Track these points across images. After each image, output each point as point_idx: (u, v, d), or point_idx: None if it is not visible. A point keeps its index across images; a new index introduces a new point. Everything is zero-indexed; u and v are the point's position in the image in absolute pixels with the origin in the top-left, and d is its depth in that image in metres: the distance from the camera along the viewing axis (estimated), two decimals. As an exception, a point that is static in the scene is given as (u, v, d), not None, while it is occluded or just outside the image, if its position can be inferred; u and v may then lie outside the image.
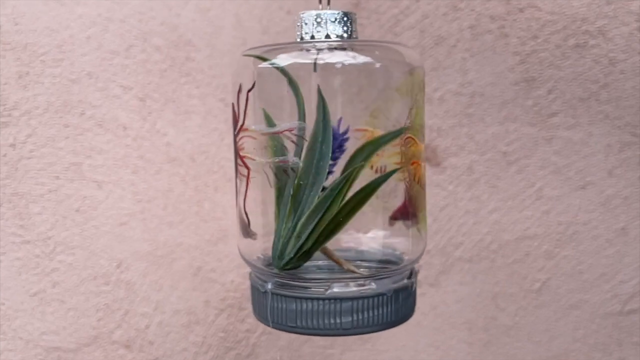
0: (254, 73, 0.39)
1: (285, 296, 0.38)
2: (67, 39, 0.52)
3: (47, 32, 0.52)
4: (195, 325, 0.57)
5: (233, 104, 0.40)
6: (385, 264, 0.41)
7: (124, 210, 0.54)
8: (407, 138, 0.38)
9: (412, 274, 0.41)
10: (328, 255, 0.39)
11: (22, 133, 0.53)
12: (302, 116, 0.37)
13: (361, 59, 0.38)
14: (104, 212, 0.54)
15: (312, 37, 0.39)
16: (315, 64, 0.38)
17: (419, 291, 0.58)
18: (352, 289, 0.38)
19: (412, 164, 0.39)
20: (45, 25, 0.52)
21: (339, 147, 0.37)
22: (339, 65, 0.38)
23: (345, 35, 0.39)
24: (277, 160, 0.38)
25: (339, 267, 0.39)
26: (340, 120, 0.37)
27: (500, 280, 0.58)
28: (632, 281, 0.58)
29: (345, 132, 0.37)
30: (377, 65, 0.39)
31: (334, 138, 0.37)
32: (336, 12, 0.39)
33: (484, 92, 0.55)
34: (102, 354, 0.56)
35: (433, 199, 0.57)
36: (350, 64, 0.38)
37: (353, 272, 0.39)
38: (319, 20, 0.39)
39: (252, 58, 0.39)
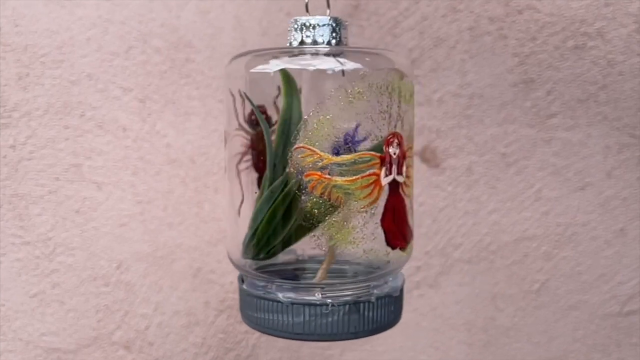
0: (245, 78, 0.40)
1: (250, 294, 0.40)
2: (67, 40, 0.52)
3: (47, 34, 0.52)
4: (195, 326, 0.57)
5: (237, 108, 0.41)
6: (372, 269, 0.41)
7: (124, 211, 0.55)
8: (297, 147, 0.38)
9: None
10: (326, 260, 0.39)
11: (22, 134, 0.53)
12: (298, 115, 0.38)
13: (350, 65, 0.38)
14: (104, 214, 0.54)
15: (302, 42, 0.39)
16: (343, 70, 0.38)
17: (417, 292, 0.58)
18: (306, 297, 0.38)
19: (307, 175, 0.37)
20: (45, 26, 0.52)
21: (347, 149, 0.37)
22: (329, 72, 0.38)
23: (334, 41, 0.39)
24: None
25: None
26: (357, 126, 0.37)
27: (500, 281, 0.58)
28: (630, 282, 0.58)
29: (355, 138, 0.38)
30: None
31: (345, 142, 0.37)
32: (327, 18, 0.39)
33: (483, 94, 0.55)
34: (101, 355, 0.56)
35: (432, 200, 0.57)
36: (340, 71, 0.38)
37: (317, 283, 0.39)
38: (309, 26, 0.39)
39: (243, 62, 0.40)
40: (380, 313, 0.39)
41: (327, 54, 0.39)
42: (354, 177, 0.37)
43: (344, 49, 0.40)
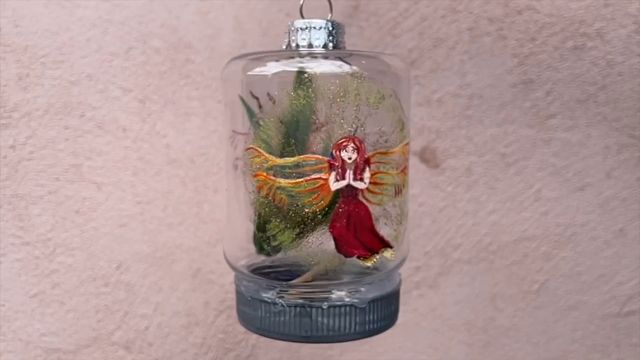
0: (242, 80, 0.40)
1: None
2: (67, 41, 0.52)
3: (47, 34, 0.52)
4: (195, 327, 0.57)
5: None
6: (369, 270, 0.41)
7: (124, 211, 0.55)
8: (247, 148, 0.38)
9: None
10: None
11: (22, 135, 0.53)
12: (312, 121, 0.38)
13: (347, 68, 0.38)
14: (104, 214, 0.54)
15: (298, 45, 0.39)
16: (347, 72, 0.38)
17: (417, 292, 0.58)
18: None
19: (255, 176, 0.38)
20: (45, 27, 0.52)
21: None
22: (328, 74, 0.38)
23: (331, 44, 0.39)
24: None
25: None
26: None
27: (499, 282, 0.58)
28: (630, 282, 0.58)
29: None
30: (364, 74, 0.39)
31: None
32: (323, 21, 0.39)
33: (483, 94, 0.55)
34: (101, 355, 0.56)
35: (432, 200, 0.57)
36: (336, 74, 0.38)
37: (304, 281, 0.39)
38: (306, 29, 0.39)
39: (241, 65, 0.40)
40: (336, 322, 0.38)
41: (324, 57, 0.39)
42: (297, 180, 0.37)
43: (341, 52, 0.40)
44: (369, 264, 0.38)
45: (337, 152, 0.37)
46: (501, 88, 0.55)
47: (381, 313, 0.40)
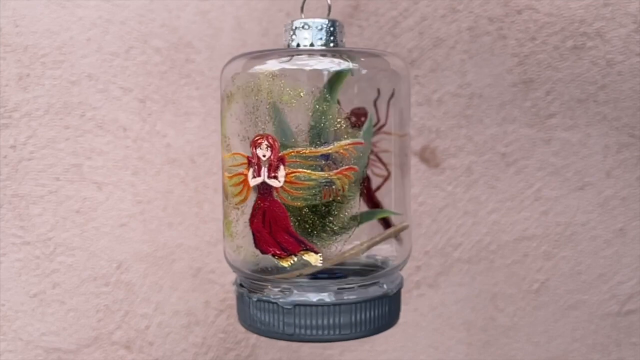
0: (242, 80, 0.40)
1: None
2: (67, 40, 0.52)
3: (48, 34, 0.52)
4: (195, 326, 0.57)
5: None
6: (372, 268, 0.41)
7: (124, 211, 0.55)
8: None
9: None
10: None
11: (22, 134, 0.53)
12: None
13: (345, 65, 0.38)
14: (104, 214, 0.54)
15: (298, 44, 0.40)
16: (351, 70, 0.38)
17: (417, 292, 0.58)
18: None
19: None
20: (45, 27, 0.52)
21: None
22: (325, 72, 0.38)
23: (331, 43, 0.39)
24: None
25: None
26: None
27: (499, 281, 0.58)
28: (630, 282, 0.58)
29: None
30: (363, 72, 0.39)
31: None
32: (323, 20, 0.39)
33: (483, 94, 0.55)
34: (102, 355, 0.56)
35: (432, 200, 0.57)
36: (335, 71, 0.38)
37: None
38: (306, 27, 0.39)
39: (241, 64, 0.40)
40: (263, 316, 0.39)
41: (323, 55, 0.39)
42: (230, 175, 0.39)
43: (340, 50, 0.40)
44: (285, 264, 0.38)
45: (253, 149, 0.38)
46: (501, 87, 0.55)
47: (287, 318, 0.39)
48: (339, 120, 0.38)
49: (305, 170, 0.37)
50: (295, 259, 0.38)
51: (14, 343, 0.55)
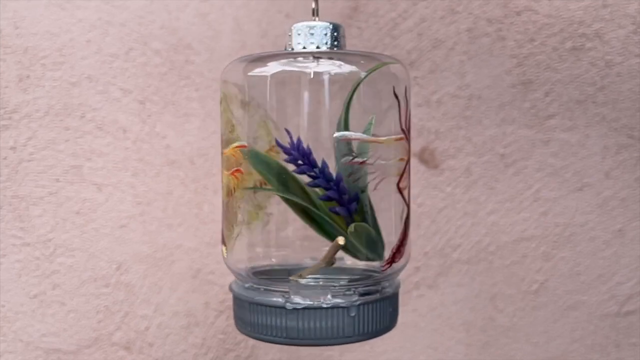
0: (243, 81, 0.40)
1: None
2: (67, 42, 0.53)
3: (48, 36, 0.52)
4: (195, 327, 0.57)
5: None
6: (369, 273, 0.41)
7: (124, 212, 0.55)
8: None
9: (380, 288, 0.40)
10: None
11: (22, 136, 0.53)
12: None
13: (347, 68, 0.39)
14: (104, 215, 0.54)
15: (302, 47, 0.40)
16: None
17: (417, 292, 0.58)
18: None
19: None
20: (45, 29, 0.52)
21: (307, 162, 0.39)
22: (325, 75, 0.38)
23: (332, 46, 0.40)
24: None
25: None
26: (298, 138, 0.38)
27: (498, 282, 0.58)
28: (629, 282, 0.58)
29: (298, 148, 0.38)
30: (362, 74, 0.39)
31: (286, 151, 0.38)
32: (325, 24, 0.40)
33: (482, 95, 0.55)
34: (102, 356, 0.56)
35: (431, 201, 0.57)
36: (336, 73, 0.39)
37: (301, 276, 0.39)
38: (309, 31, 0.39)
39: (242, 66, 0.40)
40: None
41: (324, 58, 0.39)
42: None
43: (341, 52, 0.40)
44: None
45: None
46: (500, 89, 0.55)
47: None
48: (233, 123, 0.41)
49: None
50: None
51: (14, 344, 0.55)
